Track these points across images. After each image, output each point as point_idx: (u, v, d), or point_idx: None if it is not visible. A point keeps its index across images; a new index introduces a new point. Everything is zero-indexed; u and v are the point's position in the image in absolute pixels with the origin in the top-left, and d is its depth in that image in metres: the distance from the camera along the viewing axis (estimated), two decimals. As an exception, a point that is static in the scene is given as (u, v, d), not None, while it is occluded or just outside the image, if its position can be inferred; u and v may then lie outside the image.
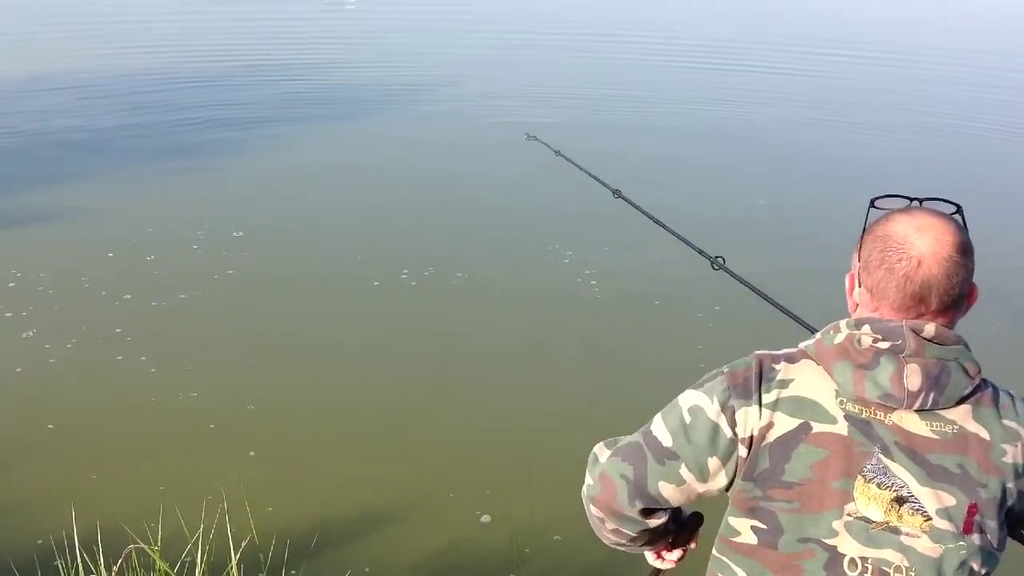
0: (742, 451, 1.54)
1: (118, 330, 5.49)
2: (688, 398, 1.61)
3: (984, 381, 1.54)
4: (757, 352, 1.61)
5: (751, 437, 1.53)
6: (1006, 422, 1.52)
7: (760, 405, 1.53)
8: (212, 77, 13.18)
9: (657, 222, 3.33)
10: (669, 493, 1.62)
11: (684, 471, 1.59)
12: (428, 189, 8.40)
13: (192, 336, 5.50)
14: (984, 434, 1.49)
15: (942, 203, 1.57)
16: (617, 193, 3.66)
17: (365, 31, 18.00)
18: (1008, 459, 1.50)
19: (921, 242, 1.49)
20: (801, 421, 1.50)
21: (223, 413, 4.69)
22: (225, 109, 11.33)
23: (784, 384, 1.53)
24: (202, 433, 4.52)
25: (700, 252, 3.05)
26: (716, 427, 1.55)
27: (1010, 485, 1.50)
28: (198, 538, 3.38)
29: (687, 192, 8.55)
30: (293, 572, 3.60)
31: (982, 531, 1.47)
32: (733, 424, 1.54)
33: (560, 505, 4.04)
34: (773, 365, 1.57)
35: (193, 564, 3.24)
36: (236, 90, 12.50)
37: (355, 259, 6.75)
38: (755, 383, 1.55)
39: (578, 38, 19.48)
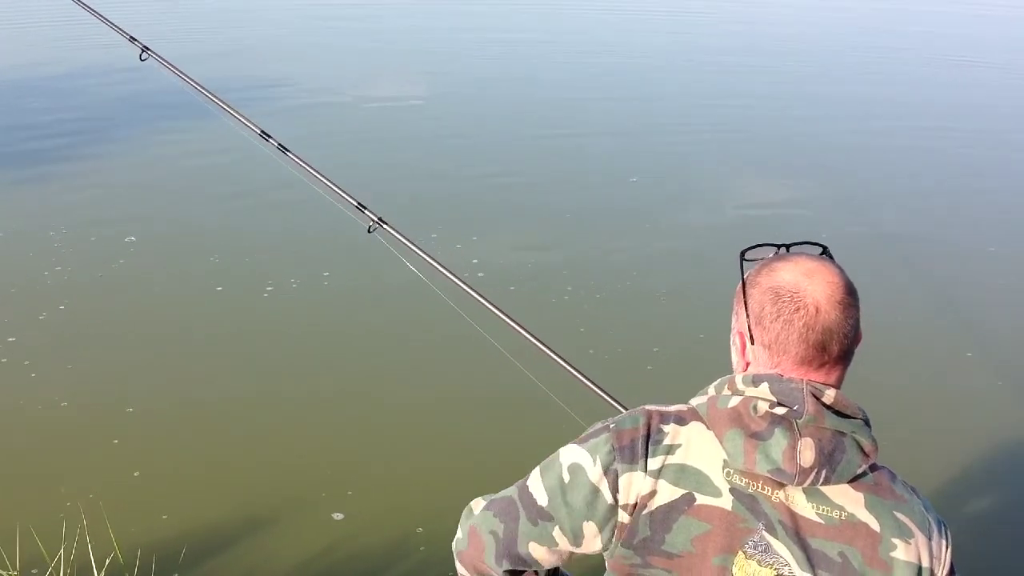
0: (623, 517, 1.48)
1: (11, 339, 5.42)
2: (569, 454, 1.53)
3: (882, 467, 1.50)
4: (647, 407, 1.54)
5: (634, 504, 1.46)
6: (899, 515, 1.46)
7: (646, 471, 1.46)
8: (48, 78, 12.43)
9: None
10: (540, 555, 1.56)
11: (557, 533, 1.52)
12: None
13: (70, 345, 5.45)
14: (875, 525, 1.44)
15: (809, 246, 1.55)
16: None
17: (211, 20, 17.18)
18: (899, 555, 1.43)
19: (814, 288, 1.44)
20: (685, 492, 1.44)
21: (84, 425, 4.68)
22: (65, 115, 10.76)
23: (671, 450, 1.47)
24: (62, 448, 4.51)
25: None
26: (596, 491, 1.48)
27: None
28: (58, 560, 3.42)
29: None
30: (160, 586, 3.66)
31: None
32: (615, 490, 1.47)
33: (421, 497, 4.24)
34: (662, 426, 1.49)
35: (53, 588, 3.28)
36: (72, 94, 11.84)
37: (241, 263, 6.70)
38: (642, 446, 1.47)
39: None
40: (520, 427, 4.68)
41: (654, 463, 1.46)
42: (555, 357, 2.64)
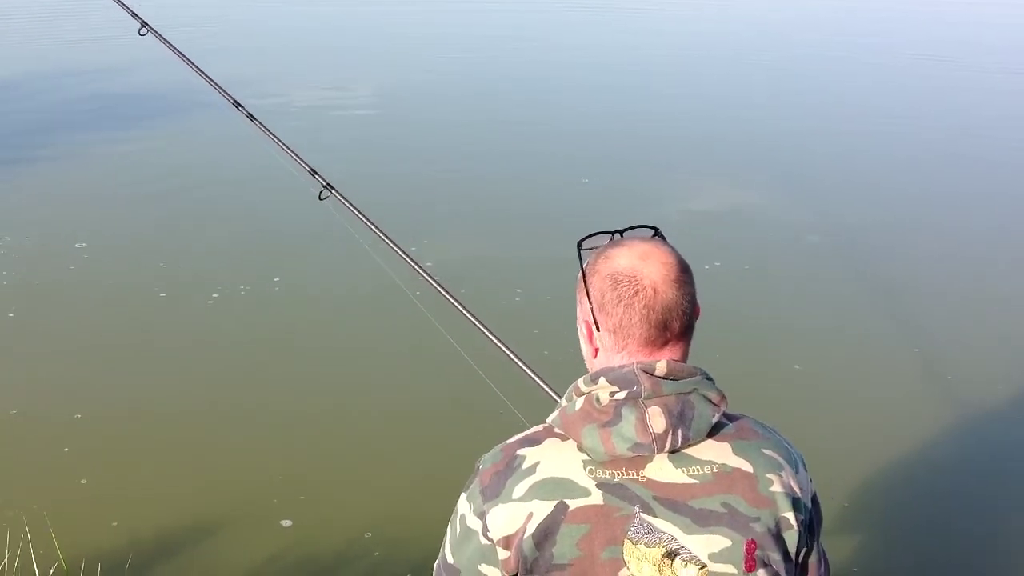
0: (502, 554, 1.52)
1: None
2: (459, 504, 1.61)
3: (741, 416, 1.58)
4: (505, 443, 1.60)
5: (506, 537, 1.51)
6: (767, 451, 1.53)
7: (511, 501, 1.51)
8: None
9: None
10: None
11: None
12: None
13: (18, 352, 5.44)
14: (747, 467, 1.50)
15: (641, 229, 1.62)
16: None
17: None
18: (777, 488, 1.50)
19: (649, 270, 1.51)
20: (556, 502, 1.48)
21: (32, 433, 4.67)
22: (13, 117, 10.60)
23: (532, 470, 1.51)
24: (10, 455, 4.50)
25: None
26: (476, 534, 1.54)
27: (785, 515, 1.50)
28: (2, 570, 3.40)
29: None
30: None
31: (766, 564, 1.48)
32: (486, 530, 1.52)
33: (370, 502, 4.25)
34: (518, 452, 1.55)
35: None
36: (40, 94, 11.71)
37: (189, 268, 6.67)
38: (502, 480, 1.53)
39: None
40: (470, 429, 4.70)
41: (520, 489, 1.50)
42: (499, 343, 2.66)
